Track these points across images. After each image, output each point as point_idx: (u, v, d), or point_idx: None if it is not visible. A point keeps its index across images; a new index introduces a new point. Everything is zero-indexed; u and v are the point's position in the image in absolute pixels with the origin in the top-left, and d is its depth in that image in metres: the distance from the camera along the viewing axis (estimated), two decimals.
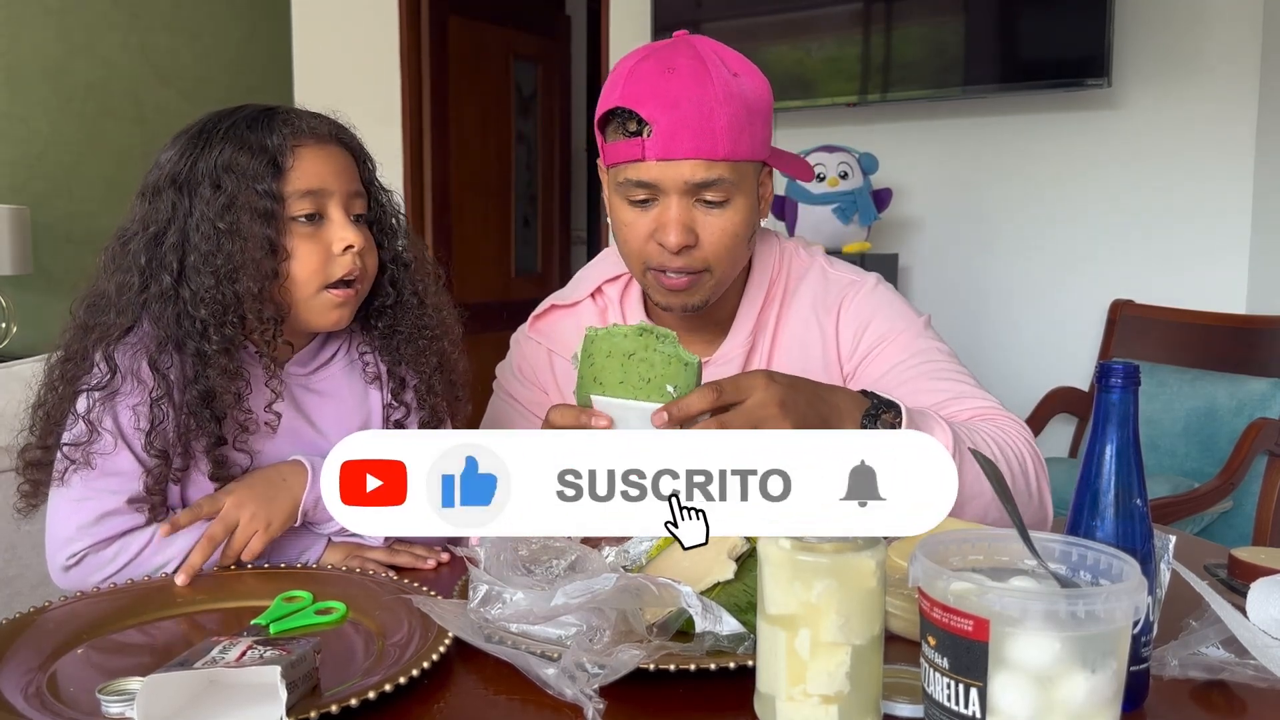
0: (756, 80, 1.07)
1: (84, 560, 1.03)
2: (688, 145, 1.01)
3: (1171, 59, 2.69)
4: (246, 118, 1.05)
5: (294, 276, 1.03)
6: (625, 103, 1.03)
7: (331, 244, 1.04)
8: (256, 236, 1.00)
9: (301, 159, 1.03)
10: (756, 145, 1.06)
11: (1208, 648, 0.80)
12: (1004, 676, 0.61)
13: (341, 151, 1.07)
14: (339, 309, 1.06)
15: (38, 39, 3.85)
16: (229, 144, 1.02)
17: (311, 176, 1.03)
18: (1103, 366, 0.72)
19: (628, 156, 1.04)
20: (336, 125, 1.09)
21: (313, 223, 1.04)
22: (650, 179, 1.04)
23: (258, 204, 1.00)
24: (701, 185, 1.04)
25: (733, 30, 3.18)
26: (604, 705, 0.71)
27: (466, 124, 4.26)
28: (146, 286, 1.02)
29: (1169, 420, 2.48)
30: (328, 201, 1.04)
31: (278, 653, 0.74)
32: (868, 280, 1.23)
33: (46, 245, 3.83)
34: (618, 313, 1.24)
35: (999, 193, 2.96)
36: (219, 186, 1.01)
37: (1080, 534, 0.73)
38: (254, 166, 1.00)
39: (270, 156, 1.01)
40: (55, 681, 0.80)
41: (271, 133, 1.03)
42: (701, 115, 1.01)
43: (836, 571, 0.67)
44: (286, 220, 1.02)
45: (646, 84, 1.03)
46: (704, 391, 0.88)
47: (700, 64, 1.03)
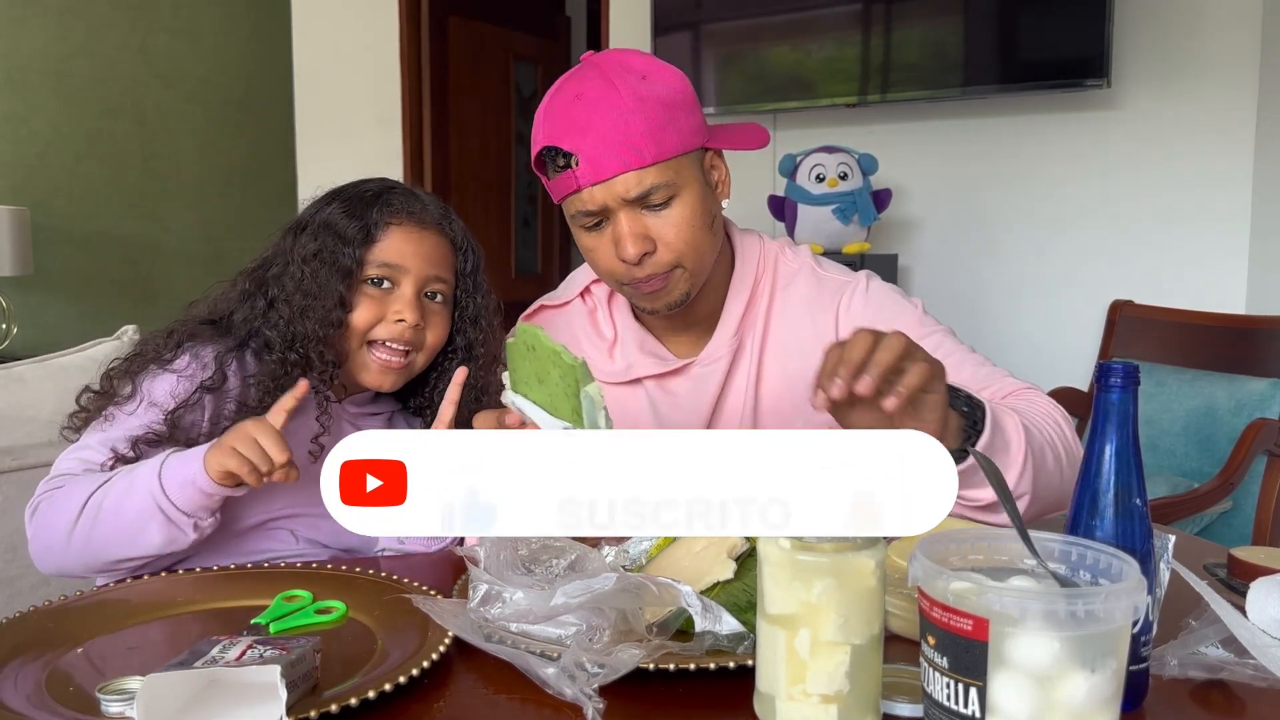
0: (668, 75, 1.08)
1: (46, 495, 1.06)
2: (613, 164, 1.03)
3: (1171, 60, 2.69)
4: (369, 189, 1.18)
5: (351, 325, 1.13)
6: (549, 141, 1.06)
7: (389, 312, 1.14)
8: (331, 288, 1.11)
9: (391, 236, 1.15)
10: (685, 137, 1.07)
11: (1207, 647, 0.80)
12: (1004, 676, 0.61)
13: (438, 239, 1.18)
14: (382, 373, 1.15)
15: (38, 40, 3.85)
16: (340, 205, 1.15)
17: (394, 253, 1.14)
18: (1102, 366, 0.72)
19: (566, 190, 1.08)
20: (444, 213, 1.20)
21: (380, 288, 1.14)
22: (592, 205, 1.07)
23: (340, 262, 1.12)
24: (640, 195, 1.06)
25: (733, 30, 3.18)
26: (604, 705, 0.71)
27: (466, 124, 4.26)
28: (245, 303, 1.16)
29: (1168, 420, 2.48)
30: (402, 277, 1.14)
31: (278, 652, 0.75)
32: (860, 279, 1.24)
33: (46, 245, 3.83)
34: (605, 313, 1.25)
35: (999, 193, 2.96)
36: (316, 237, 1.14)
37: (1080, 534, 0.73)
38: (349, 230, 1.13)
39: (365, 226, 1.13)
40: (55, 681, 0.80)
41: (378, 207, 1.15)
42: (617, 130, 1.03)
43: (836, 571, 0.67)
44: (359, 280, 1.13)
45: (560, 117, 1.06)
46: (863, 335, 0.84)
47: (605, 81, 1.05)
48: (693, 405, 1.20)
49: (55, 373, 1.43)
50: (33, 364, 1.44)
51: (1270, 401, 2.35)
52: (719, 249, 1.18)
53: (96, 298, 4.02)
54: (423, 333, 1.16)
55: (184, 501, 1.02)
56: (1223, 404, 2.41)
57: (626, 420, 1.20)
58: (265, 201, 4.57)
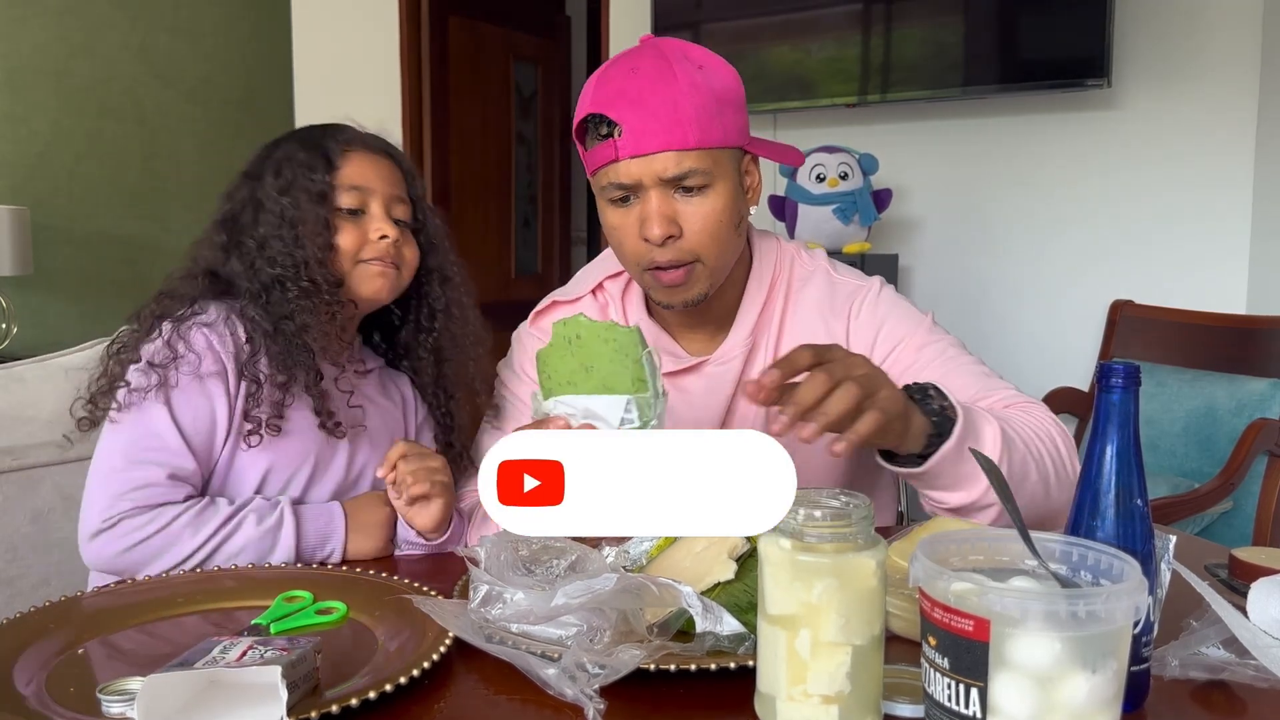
0: (724, 71, 1.09)
1: (119, 523, 1.06)
2: (657, 139, 1.03)
3: (1171, 60, 2.69)
4: (312, 127, 1.25)
5: (339, 248, 1.17)
6: (595, 108, 1.06)
7: (369, 232, 1.18)
8: (312, 213, 1.16)
9: (350, 161, 1.20)
10: (730, 132, 1.07)
11: (1208, 648, 0.80)
12: (1004, 677, 0.61)
13: (390, 163, 1.23)
14: (379, 277, 1.19)
15: (38, 40, 3.85)
16: (294, 143, 1.21)
17: (357, 176, 1.19)
18: (1103, 367, 0.72)
19: (603, 159, 1.07)
20: (388, 143, 1.26)
21: (355, 216, 1.18)
22: (627, 178, 1.06)
23: (312, 188, 1.17)
24: (677, 176, 1.05)
25: (733, 31, 3.18)
26: (604, 705, 0.71)
27: (466, 124, 4.26)
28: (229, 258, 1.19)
29: (1169, 420, 2.48)
30: (370, 199, 1.19)
31: (278, 653, 0.74)
32: (874, 284, 1.24)
33: (46, 245, 3.83)
34: (618, 309, 1.24)
35: (999, 193, 2.96)
36: (279, 174, 1.18)
37: (1081, 534, 0.73)
38: (310, 160, 1.18)
39: (324, 154, 1.19)
40: (55, 681, 0.80)
41: (329, 138, 1.21)
42: (668, 108, 1.02)
43: (837, 571, 0.67)
44: (334, 208, 1.18)
45: (613, 87, 1.05)
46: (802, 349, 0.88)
47: (664, 61, 1.04)
48: (705, 404, 1.19)
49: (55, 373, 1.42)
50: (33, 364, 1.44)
51: (1270, 401, 2.35)
52: (740, 252, 1.18)
53: (96, 298, 4.02)
54: (402, 249, 1.20)
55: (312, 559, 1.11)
56: (1223, 404, 2.41)
57: None
58: None
